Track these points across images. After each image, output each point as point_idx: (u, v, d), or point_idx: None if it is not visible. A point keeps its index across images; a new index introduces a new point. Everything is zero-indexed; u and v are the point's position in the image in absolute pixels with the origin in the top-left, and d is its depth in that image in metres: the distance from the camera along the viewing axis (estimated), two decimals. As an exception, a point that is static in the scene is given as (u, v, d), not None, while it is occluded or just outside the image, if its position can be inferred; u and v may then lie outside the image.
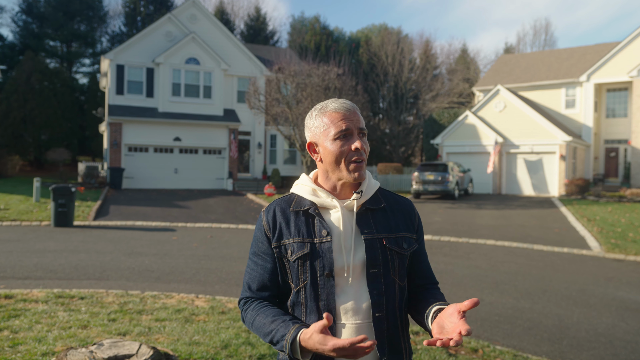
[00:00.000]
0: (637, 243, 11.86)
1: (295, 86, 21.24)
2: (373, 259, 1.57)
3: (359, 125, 1.60)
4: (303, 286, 1.57)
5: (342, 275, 1.56)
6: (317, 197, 1.63)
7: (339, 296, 1.55)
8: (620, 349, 5.14)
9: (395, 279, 1.59)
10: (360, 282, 1.56)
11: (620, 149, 27.33)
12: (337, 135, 1.58)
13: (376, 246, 1.58)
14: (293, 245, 1.58)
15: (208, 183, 25.43)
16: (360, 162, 1.58)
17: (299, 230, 1.60)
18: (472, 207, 19.14)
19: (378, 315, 1.55)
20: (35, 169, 32.94)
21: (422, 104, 37.34)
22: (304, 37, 43.70)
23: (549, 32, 50.60)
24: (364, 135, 1.62)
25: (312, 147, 1.66)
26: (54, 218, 12.87)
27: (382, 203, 1.66)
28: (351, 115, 1.60)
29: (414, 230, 1.68)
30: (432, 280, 1.74)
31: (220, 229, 13.69)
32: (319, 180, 1.68)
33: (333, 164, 1.59)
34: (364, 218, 1.61)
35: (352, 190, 1.64)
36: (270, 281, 1.64)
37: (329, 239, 1.56)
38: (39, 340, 4.27)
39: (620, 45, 26.05)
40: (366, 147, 1.61)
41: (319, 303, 1.56)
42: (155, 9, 40.61)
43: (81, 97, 37.28)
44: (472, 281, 7.99)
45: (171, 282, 7.40)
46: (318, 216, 1.60)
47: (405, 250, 1.62)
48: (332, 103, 1.63)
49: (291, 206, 1.65)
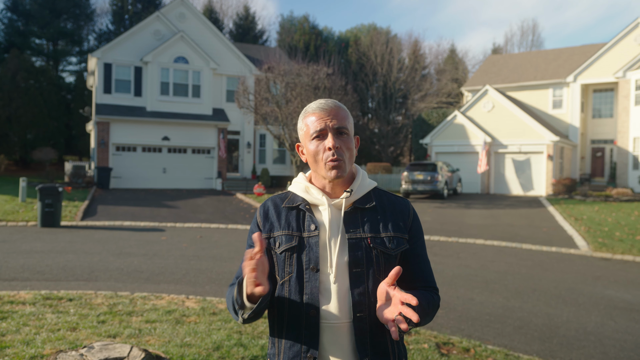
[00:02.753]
0: (624, 242, 12.00)
1: (284, 86, 21.20)
2: (356, 259, 1.56)
3: (336, 124, 1.59)
4: (288, 279, 1.58)
5: (326, 272, 1.56)
6: (309, 195, 1.64)
7: (322, 293, 1.55)
8: (609, 347, 5.19)
9: (381, 280, 1.57)
10: (344, 281, 1.56)
11: (607, 149, 27.67)
12: (314, 136, 1.60)
13: (360, 245, 1.57)
14: (281, 237, 1.61)
15: (197, 183, 25.29)
16: (336, 161, 1.57)
17: (289, 224, 1.62)
18: (461, 206, 19.24)
19: (359, 315, 1.53)
20: (21, 169, 32.53)
21: (411, 103, 37.48)
22: (293, 36, 43.64)
23: (536, 33, 51.14)
24: (344, 134, 1.61)
25: (299, 148, 1.70)
26: (41, 218, 12.71)
27: (372, 202, 1.65)
28: (327, 115, 1.60)
29: (406, 231, 1.65)
30: (427, 283, 1.69)
31: (210, 229, 13.62)
32: (312, 179, 1.69)
33: (314, 164, 1.62)
34: (352, 217, 1.61)
35: (343, 188, 1.64)
36: None
37: (316, 233, 1.58)
38: (27, 343, 4.21)
39: (606, 47, 26.37)
40: (347, 145, 1.60)
41: (304, 297, 1.55)
42: (143, 7, 40.30)
43: (68, 96, 36.88)
44: (462, 280, 8.03)
45: (161, 282, 7.34)
46: (308, 212, 1.62)
47: (392, 251, 1.60)
48: (313, 104, 1.65)
49: (285, 202, 1.68)
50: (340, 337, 1.54)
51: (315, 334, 1.54)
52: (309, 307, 1.54)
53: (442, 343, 4.87)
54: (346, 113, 1.65)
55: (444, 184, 21.48)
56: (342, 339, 1.54)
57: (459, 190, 24.42)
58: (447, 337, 5.12)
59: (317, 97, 20.41)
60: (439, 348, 4.69)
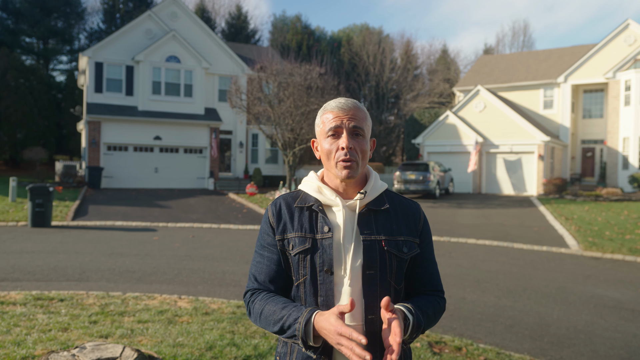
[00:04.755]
0: (614, 241, 12.11)
1: (277, 85, 21.18)
2: (370, 261, 1.56)
3: (353, 123, 1.59)
4: (303, 281, 1.58)
5: (340, 274, 1.56)
6: (322, 195, 1.63)
7: (336, 295, 1.55)
8: (599, 345, 5.24)
9: (392, 282, 1.58)
10: (357, 283, 1.55)
11: (597, 149, 27.90)
12: (328, 134, 1.60)
13: (375, 248, 1.57)
14: (295, 239, 1.59)
15: (189, 182, 25.20)
16: (347, 162, 1.56)
17: (302, 225, 1.60)
18: (453, 206, 19.33)
19: (370, 317, 1.54)
20: (10, 168, 32.24)
21: (403, 103, 37.59)
22: (285, 36, 43.60)
23: (527, 34, 51.43)
24: (359, 135, 1.60)
25: (315, 144, 1.69)
26: (31, 218, 12.61)
27: (386, 205, 1.64)
28: (344, 114, 1.59)
29: (417, 235, 1.66)
30: (435, 287, 1.70)
31: (202, 229, 13.58)
32: (325, 178, 1.68)
33: (327, 162, 1.61)
34: (366, 219, 1.61)
35: (356, 189, 1.64)
36: (277, 272, 1.64)
37: (330, 235, 1.56)
38: (17, 343, 4.18)
39: (596, 48, 26.59)
40: (360, 147, 1.59)
41: (318, 299, 1.55)
42: (135, 6, 40.08)
43: (58, 95, 36.61)
44: (454, 279, 8.07)
45: (153, 282, 7.32)
46: (321, 213, 1.60)
47: (405, 255, 1.60)
48: (332, 102, 1.64)
49: (296, 202, 1.66)
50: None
51: None
52: (324, 309, 1.54)
53: (435, 342, 4.90)
54: (364, 114, 1.63)
55: (436, 184, 21.57)
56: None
57: (451, 190, 24.53)
58: (439, 336, 5.15)
59: (309, 97, 20.43)
60: (431, 347, 4.72)
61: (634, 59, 24.79)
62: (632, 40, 25.73)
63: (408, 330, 1.50)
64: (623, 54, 25.78)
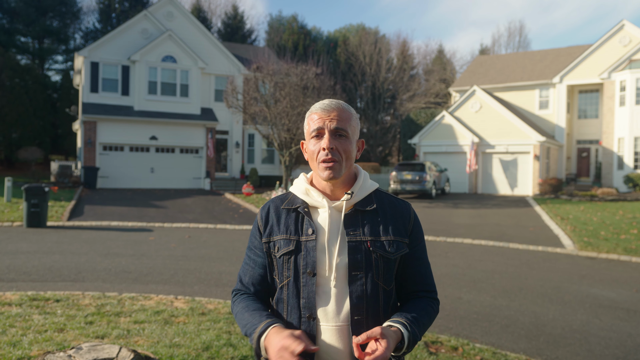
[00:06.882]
0: (609, 241, 12.16)
1: (273, 85, 21.16)
2: (355, 262, 1.56)
3: (335, 125, 1.58)
4: (286, 283, 1.59)
5: (324, 276, 1.56)
6: (309, 197, 1.64)
7: (320, 296, 1.55)
8: (594, 345, 5.27)
9: (380, 283, 1.58)
10: (344, 284, 1.55)
11: (592, 149, 28.01)
12: (312, 135, 1.61)
13: (360, 249, 1.57)
14: (280, 241, 1.61)
15: (185, 182, 25.16)
16: (329, 162, 1.56)
17: (287, 227, 1.62)
18: (449, 206, 19.37)
19: (357, 318, 1.54)
20: (6, 168, 32.11)
21: (400, 103, 37.63)
22: (281, 36, 43.58)
23: (523, 34, 51.53)
24: (343, 136, 1.59)
25: (304, 146, 1.70)
26: (27, 218, 12.56)
27: (373, 205, 1.64)
28: (327, 115, 1.59)
29: (406, 234, 1.64)
30: (427, 287, 1.69)
31: (198, 229, 13.56)
32: (314, 179, 1.69)
33: (312, 162, 1.63)
34: (352, 220, 1.60)
35: (344, 190, 1.64)
36: (260, 275, 1.68)
37: (313, 237, 1.57)
38: (13, 344, 4.16)
39: (591, 48, 26.69)
40: (344, 147, 1.58)
41: (300, 301, 1.56)
42: (131, 5, 39.97)
43: (54, 95, 36.46)
44: (450, 279, 8.09)
45: (149, 283, 7.30)
46: (307, 215, 1.61)
47: (392, 255, 1.59)
48: (318, 104, 1.64)
49: (284, 203, 1.67)
50: (338, 339, 1.54)
51: (312, 337, 1.54)
52: (306, 311, 1.55)
53: (431, 342, 4.91)
54: (349, 115, 1.62)
55: (432, 184, 21.61)
56: (340, 342, 1.54)
57: (447, 190, 24.57)
58: (436, 335, 5.16)
59: (305, 97, 20.42)
60: (428, 347, 4.73)
61: (629, 60, 24.91)
62: (627, 41, 25.85)
63: (403, 347, 1.51)
64: (618, 55, 25.89)
